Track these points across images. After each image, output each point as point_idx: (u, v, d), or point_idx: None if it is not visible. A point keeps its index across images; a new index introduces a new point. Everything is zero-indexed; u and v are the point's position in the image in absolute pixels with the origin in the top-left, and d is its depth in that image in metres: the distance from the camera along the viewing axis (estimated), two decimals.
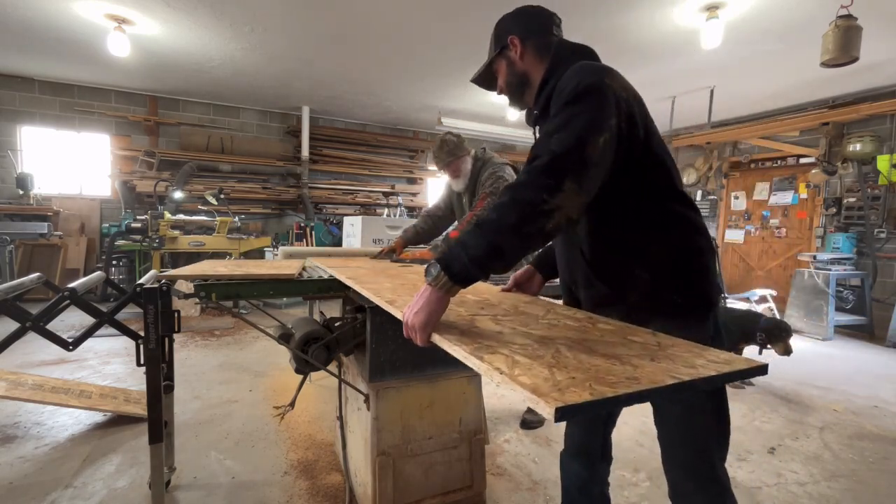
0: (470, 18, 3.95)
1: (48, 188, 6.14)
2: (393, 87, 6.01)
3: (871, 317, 5.24)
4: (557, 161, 0.90)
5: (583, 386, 0.63)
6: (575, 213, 0.92)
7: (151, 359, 1.54)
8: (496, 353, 0.78)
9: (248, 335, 4.43)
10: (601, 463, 1.36)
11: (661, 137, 1.10)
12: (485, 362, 0.74)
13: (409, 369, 1.59)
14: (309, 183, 7.19)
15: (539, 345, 0.84)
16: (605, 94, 0.98)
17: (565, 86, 1.04)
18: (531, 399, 0.60)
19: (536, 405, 0.59)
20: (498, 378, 0.68)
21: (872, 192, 5.40)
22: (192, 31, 4.36)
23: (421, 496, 1.61)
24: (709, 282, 1.10)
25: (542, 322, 1.03)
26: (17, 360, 3.39)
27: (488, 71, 1.32)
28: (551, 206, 0.88)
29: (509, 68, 1.26)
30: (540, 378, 0.66)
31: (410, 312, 0.92)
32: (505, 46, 1.25)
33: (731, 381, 0.72)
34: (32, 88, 5.96)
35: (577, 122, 0.95)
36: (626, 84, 1.05)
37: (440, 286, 0.90)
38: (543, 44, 1.21)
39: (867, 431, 2.70)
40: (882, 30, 3.84)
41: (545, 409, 0.58)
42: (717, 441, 1.10)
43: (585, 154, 0.91)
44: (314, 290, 1.71)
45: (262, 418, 2.61)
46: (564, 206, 0.89)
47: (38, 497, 1.84)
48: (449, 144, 2.51)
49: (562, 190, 0.88)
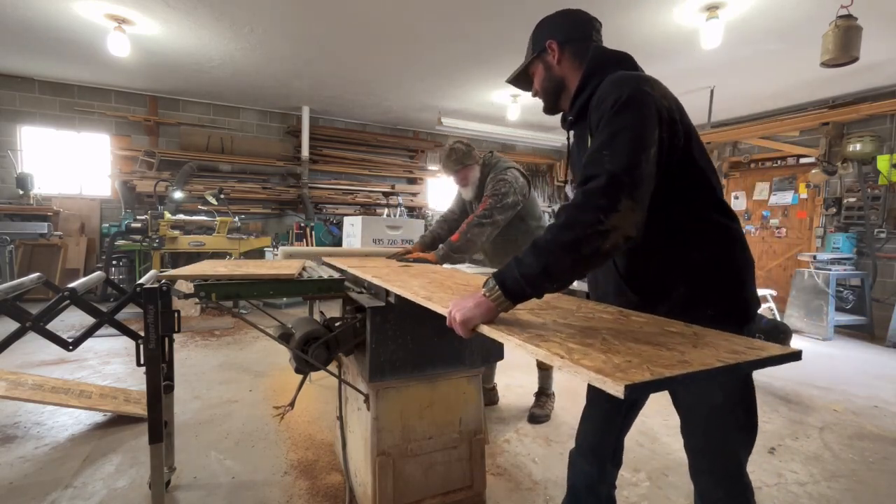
0: (470, 19, 3.95)
1: (48, 188, 6.14)
2: (393, 87, 6.01)
3: (871, 317, 5.24)
4: (613, 180, 0.90)
5: (641, 368, 0.68)
6: (633, 230, 0.92)
7: (151, 359, 1.54)
8: (549, 342, 0.82)
9: (248, 335, 4.43)
10: (611, 465, 1.35)
11: (702, 143, 1.10)
12: (542, 349, 0.77)
13: (409, 369, 1.59)
14: (309, 183, 7.19)
15: (584, 335, 0.88)
16: (648, 105, 0.98)
17: (606, 96, 1.03)
18: (598, 379, 0.65)
19: (604, 384, 0.63)
20: (559, 362, 0.72)
21: (872, 192, 5.40)
22: (191, 31, 4.36)
23: (421, 496, 1.61)
24: (745, 296, 1.08)
25: (578, 315, 1.07)
26: (17, 360, 3.38)
27: (524, 72, 1.32)
28: (607, 227, 0.89)
29: (547, 73, 1.25)
30: (599, 361, 0.71)
31: (458, 310, 0.96)
32: (543, 50, 1.24)
33: (770, 366, 0.77)
34: (32, 88, 5.95)
35: (625, 137, 0.95)
36: (667, 91, 1.05)
37: (493, 298, 0.93)
38: (582, 49, 1.20)
39: (867, 431, 2.70)
40: (882, 30, 3.84)
41: (613, 387, 0.62)
42: (745, 447, 1.10)
43: (639, 171, 0.92)
44: (314, 290, 1.71)
45: (262, 418, 2.61)
46: (621, 226, 0.90)
47: (38, 497, 1.84)
48: (457, 153, 2.50)
49: (618, 210, 0.89)
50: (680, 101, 1.08)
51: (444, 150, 2.57)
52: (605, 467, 1.34)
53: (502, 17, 3.87)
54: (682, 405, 1.15)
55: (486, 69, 5.22)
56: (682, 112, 1.06)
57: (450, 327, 0.98)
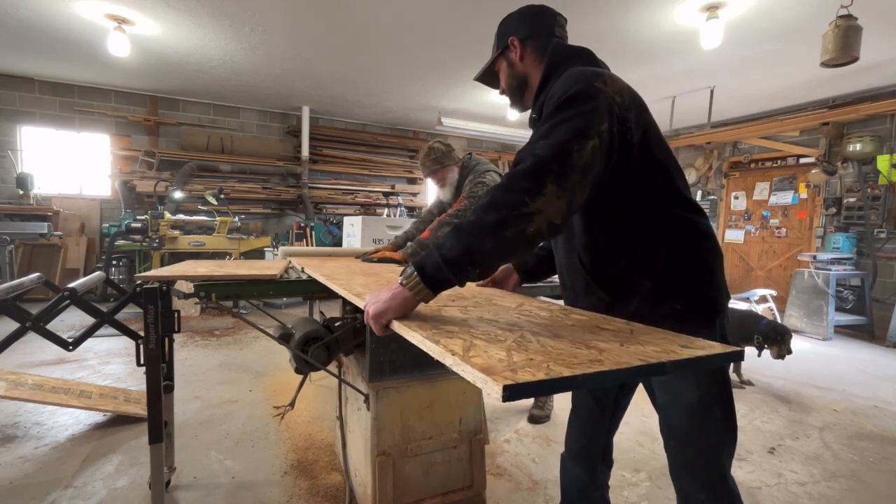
0: (470, 18, 3.95)
1: (48, 188, 6.14)
2: (393, 87, 6.01)
3: (871, 317, 5.24)
4: (539, 165, 0.88)
5: (539, 367, 0.62)
6: (557, 217, 0.88)
7: (151, 359, 1.54)
8: (454, 338, 0.76)
9: (248, 335, 4.43)
10: (602, 466, 1.35)
11: (663, 141, 1.08)
12: (440, 346, 0.71)
13: (408, 369, 1.59)
14: (309, 183, 7.19)
15: (503, 331, 0.83)
16: (595, 99, 0.95)
17: (556, 91, 1.02)
18: (480, 379, 0.59)
19: (485, 385, 0.57)
20: (450, 360, 0.67)
21: (872, 192, 5.40)
22: (191, 31, 4.36)
23: (421, 496, 1.61)
24: (715, 288, 1.07)
25: (513, 312, 1.02)
26: (17, 360, 3.38)
27: (490, 70, 1.30)
28: (531, 210, 0.85)
29: (510, 69, 1.24)
30: (494, 359, 0.65)
31: (371, 303, 0.91)
32: (506, 47, 1.23)
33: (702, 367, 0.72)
34: (32, 88, 5.95)
35: (563, 128, 0.93)
36: (623, 87, 1.02)
37: (410, 286, 0.87)
38: (543, 46, 1.18)
39: (867, 431, 2.70)
40: (882, 30, 3.84)
41: (494, 388, 0.56)
42: (725, 447, 1.08)
43: (570, 159, 0.89)
44: (314, 290, 1.71)
45: (262, 418, 2.61)
46: (545, 210, 0.86)
47: (38, 497, 1.84)
48: (436, 152, 2.47)
49: (542, 193, 0.86)
50: (641, 98, 1.06)
51: (422, 150, 2.54)
52: (597, 469, 1.34)
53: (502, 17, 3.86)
54: (658, 404, 1.15)
55: None
56: (642, 109, 1.04)
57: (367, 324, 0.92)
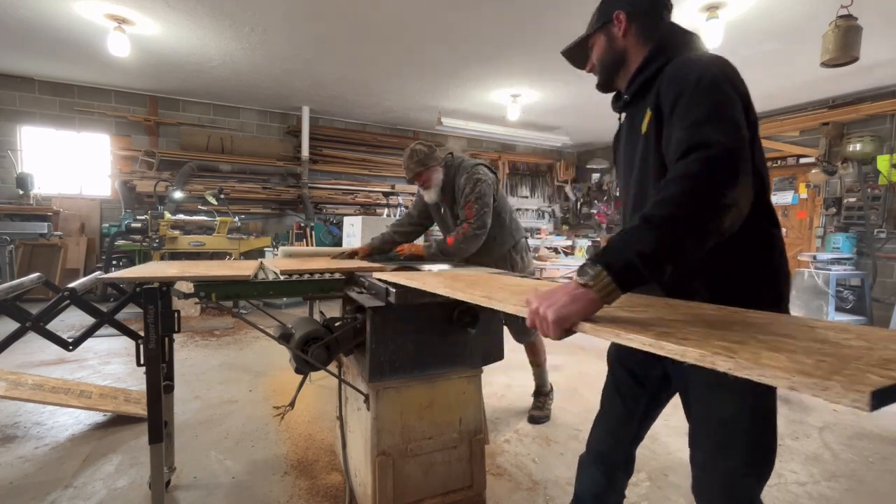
0: (470, 18, 3.95)
1: (48, 188, 6.14)
2: (393, 87, 6.01)
3: (871, 317, 5.24)
4: (732, 152, 0.80)
5: (848, 369, 0.51)
6: (746, 206, 0.82)
7: (151, 359, 1.54)
8: (686, 340, 0.63)
9: (248, 335, 4.43)
10: (621, 474, 1.28)
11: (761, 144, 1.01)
12: (697, 348, 0.60)
13: (408, 369, 1.59)
14: (309, 183, 7.19)
15: (716, 331, 0.70)
16: (735, 85, 0.92)
17: (686, 73, 0.95)
18: (834, 396, 0.46)
19: (844, 398, 0.45)
20: (728, 364, 0.56)
21: (872, 192, 5.40)
22: (191, 31, 4.36)
23: (421, 496, 1.61)
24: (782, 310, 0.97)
25: (679, 311, 0.87)
26: (17, 360, 3.38)
27: (582, 45, 1.23)
28: (730, 201, 0.78)
29: (608, 44, 1.17)
30: (782, 361, 0.55)
31: (547, 306, 0.76)
32: (608, 21, 1.16)
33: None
34: (32, 88, 5.96)
35: (728, 111, 0.87)
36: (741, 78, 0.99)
37: (599, 288, 0.75)
38: (650, 25, 1.12)
39: (867, 431, 2.70)
40: (882, 30, 3.84)
41: (856, 399, 0.44)
42: (756, 471, 0.98)
43: (747, 151, 0.84)
44: (314, 290, 1.71)
45: (262, 418, 2.61)
46: (740, 202, 0.80)
47: (38, 497, 1.84)
48: (418, 154, 2.42)
49: (738, 184, 0.79)
50: None
51: (404, 152, 2.48)
52: (616, 475, 1.27)
53: (502, 17, 3.87)
54: (693, 416, 1.05)
55: (486, 69, 5.22)
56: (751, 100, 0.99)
57: (532, 328, 0.80)
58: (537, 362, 2.72)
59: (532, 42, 4.35)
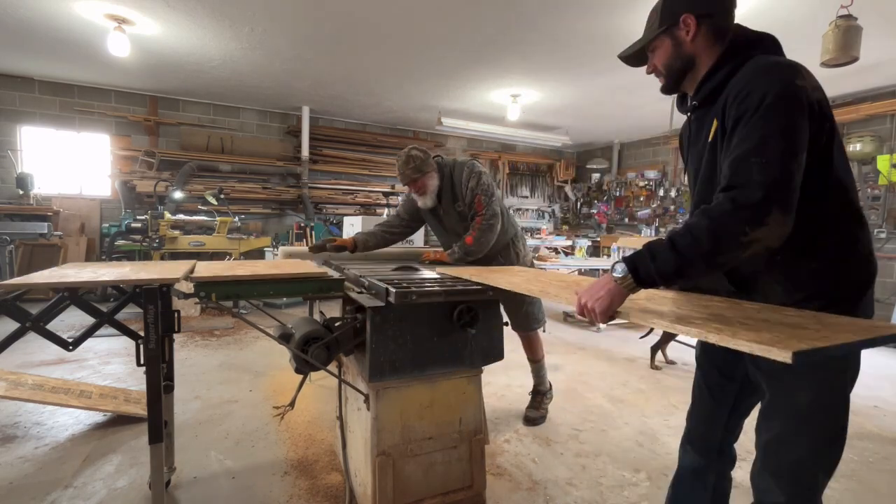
0: (470, 18, 3.95)
1: (48, 188, 6.14)
2: (393, 87, 6.01)
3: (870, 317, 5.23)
4: (767, 195, 0.88)
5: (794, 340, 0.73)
6: (776, 242, 0.91)
7: (151, 359, 1.54)
8: (692, 324, 0.87)
9: (248, 335, 4.43)
10: (718, 456, 1.31)
11: (841, 140, 1.02)
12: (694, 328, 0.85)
13: (409, 369, 1.59)
14: (309, 183, 7.19)
15: (717, 319, 0.92)
16: (800, 102, 0.92)
17: (751, 89, 0.95)
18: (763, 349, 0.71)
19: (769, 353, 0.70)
20: (715, 338, 0.80)
21: (872, 192, 5.40)
22: (191, 31, 4.36)
23: (421, 496, 1.61)
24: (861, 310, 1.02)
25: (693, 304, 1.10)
26: (17, 360, 3.38)
27: (643, 49, 1.21)
28: (750, 239, 0.89)
29: (675, 49, 1.13)
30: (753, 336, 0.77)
31: (591, 298, 1.00)
32: (674, 24, 1.12)
33: None
34: (32, 88, 5.96)
35: (777, 144, 0.90)
36: (816, 82, 0.97)
37: (626, 285, 0.98)
38: (721, 28, 1.10)
39: (867, 431, 2.69)
40: (882, 30, 3.84)
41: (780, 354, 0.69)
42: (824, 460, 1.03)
43: (793, 183, 0.89)
44: (314, 290, 1.71)
45: (262, 418, 2.61)
46: (764, 239, 0.89)
47: (38, 497, 1.84)
48: (415, 160, 2.42)
49: (764, 224, 0.88)
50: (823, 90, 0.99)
51: (399, 157, 2.47)
52: (711, 457, 1.31)
53: (502, 17, 3.87)
54: (765, 403, 1.09)
55: (486, 69, 5.22)
56: (828, 104, 0.98)
57: (581, 316, 1.04)
58: (535, 359, 2.71)
59: (532, 42, 4.34)
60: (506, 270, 2.02)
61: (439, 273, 1.93)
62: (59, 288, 1.46)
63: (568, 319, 5.61)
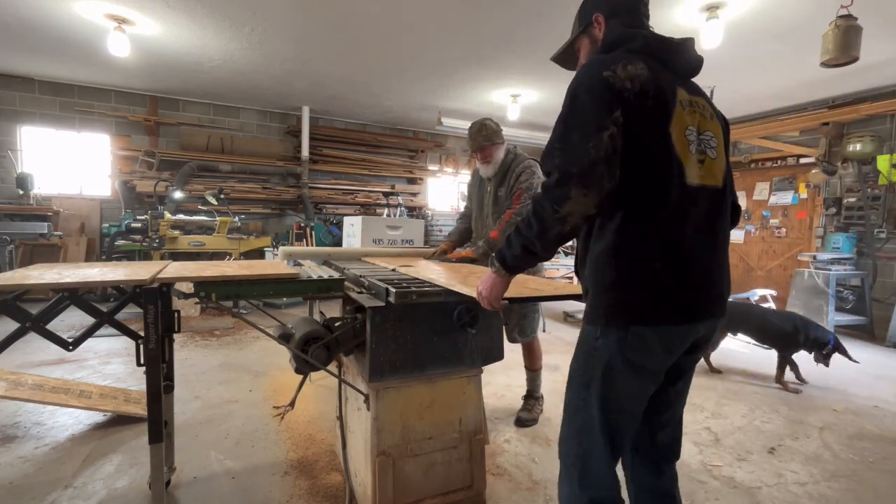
0: (470, 18, 3.95)
1: (48, 188, 6.14)
2: (393, 87, 6.01)
3: (871, 317, 5.24)
4: (563, 175, 1.00)
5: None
6: (592, 209, 1.01)
7: (151, 359, 1.54)
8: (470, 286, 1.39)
9: (248, 335, 4.43)
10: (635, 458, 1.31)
11: (663, 136, 1.05)
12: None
13: (409, 369, 1.59)
14: (309, 183, 7.19)
15: None
16: (602, 89, 1.00)
17: (569, 87, 1.06)
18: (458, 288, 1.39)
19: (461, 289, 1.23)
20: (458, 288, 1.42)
21: (872, 192, 5.40)
22: (191, 31, 4.36)
23: (421, 496, 1.61)
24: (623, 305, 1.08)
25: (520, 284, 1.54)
26: (17, 360, 3.39)
27: (570, 49, 1.30)
28: (562, 215, 1.01)
29: (592, 47, 1.23)
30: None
31: (482, 287, 1.24)
32: (589, 24, 1.22)
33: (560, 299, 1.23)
34: (32, 88, 5.95)
35: (574, 129, 1.01)
36: (637, 74, 1.03)
37: (500, 273, 1.19)
38: (628, 25, 1.18)
39: (867, 431, 2.70)
40: (882, 30, 3.84)
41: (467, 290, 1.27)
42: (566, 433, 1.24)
43: (588, 159, 0.98)
44: (314, 290, 1.71)
45: (262, 418, 2.61)
46: (576, 210, 1.01)
47: (38, 497, 1.84)
48: (488, 129, 2.55)
49: (569, 198, 1.00)
50: (666, 92, 1.06)
51: (473, 125, 2.60)
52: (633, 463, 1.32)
53: (502, 17, 3.87)
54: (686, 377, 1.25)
55: (486, 69, 5.22)
56: (658, 95, 1.04)
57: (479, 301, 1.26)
58: (532, 368, 2.74)
59: (532, 42, 4.34)
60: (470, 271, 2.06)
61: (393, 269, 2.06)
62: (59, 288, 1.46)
63: (568, 319, 5.61)
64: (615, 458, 1.16)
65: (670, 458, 1.30)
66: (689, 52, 1.19)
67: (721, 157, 1.17)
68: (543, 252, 1.10)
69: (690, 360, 1.23)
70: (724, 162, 1.18)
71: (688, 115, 1.09)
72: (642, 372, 1.11)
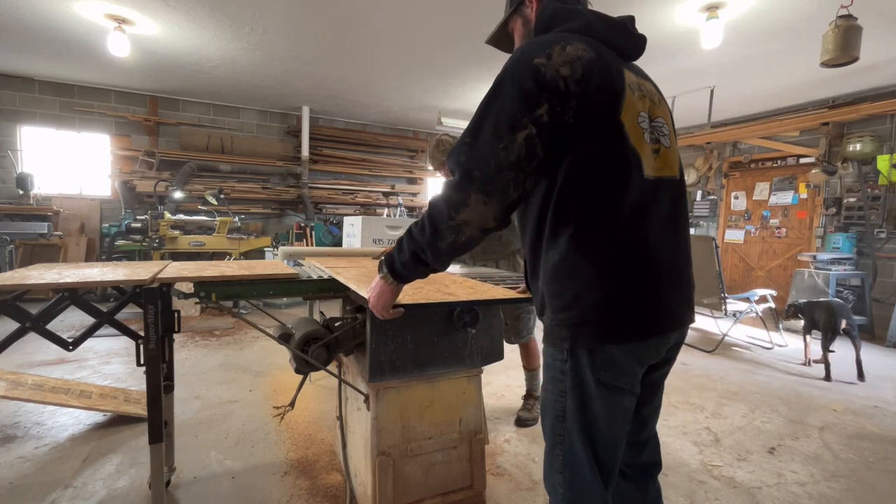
0: (470, 18, 3.95)
1: (48, 188, 6.14)
2: (393, 87, 6.01)
3: (871, 317, 5.24)
4: (462, 175, 0.89)
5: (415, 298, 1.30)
6: (490, 221, 0.91)
7: (151, 359, 1.54)
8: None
9: (248, 335, 4.43)
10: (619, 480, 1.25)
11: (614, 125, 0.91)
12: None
13: (409, 369, 1.59)
14: (309, 183, 7.19)
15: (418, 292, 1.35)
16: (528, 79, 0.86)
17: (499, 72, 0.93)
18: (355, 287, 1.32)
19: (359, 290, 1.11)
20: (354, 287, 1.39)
21: (872, 192, 5.40)
22: (191, 31, 4.36)
23: (421, 496, 1.61)
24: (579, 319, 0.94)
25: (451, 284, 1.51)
26: (17, 360, 3.38)
27: (504, 30, 1.18)
28: (458, 223, 0.91)
29: (525, 27, 1.11)
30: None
31: (370, 296, 1.14)
32: (521, 2, 1.11)
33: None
34: (32, 88, 5.95)
35: (489, 125, 0.88)
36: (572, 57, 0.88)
37: (390, 282, 1.08)
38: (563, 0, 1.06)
39: (867, 431, 2.70)
40: (882, 30, 3.84)
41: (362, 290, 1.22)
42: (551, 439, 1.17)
43: (494, 162, 0.86)
44: (314, 290, 1.71)
45: (262, 418, 2.61)
46: (473, 220, 0.90)
47: (38, 497, 1.84)
48: (445, 144, 2.53)
49: (467, 204, 0.89)
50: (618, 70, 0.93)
51: (430, 142, 2.61)
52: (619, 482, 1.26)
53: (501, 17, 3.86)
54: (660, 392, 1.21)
55: (486, 69, 5.22)
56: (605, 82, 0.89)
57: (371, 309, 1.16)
58: (530, 367, 2.74)
59: None
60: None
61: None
62: (59, 288, 1.46)
63: None
64: (608, 488, 1.04)
65: (654, 474, 1.24)
66: (632, 30, 1.05)
67: (674, 144, 1.04)
68: (434, 262, 0.98)
69: (662, 374, 1.13)
70: (676, 150, 1.05)
71: (638, 101, 0.95)
72: (620, 392, 0.98)
